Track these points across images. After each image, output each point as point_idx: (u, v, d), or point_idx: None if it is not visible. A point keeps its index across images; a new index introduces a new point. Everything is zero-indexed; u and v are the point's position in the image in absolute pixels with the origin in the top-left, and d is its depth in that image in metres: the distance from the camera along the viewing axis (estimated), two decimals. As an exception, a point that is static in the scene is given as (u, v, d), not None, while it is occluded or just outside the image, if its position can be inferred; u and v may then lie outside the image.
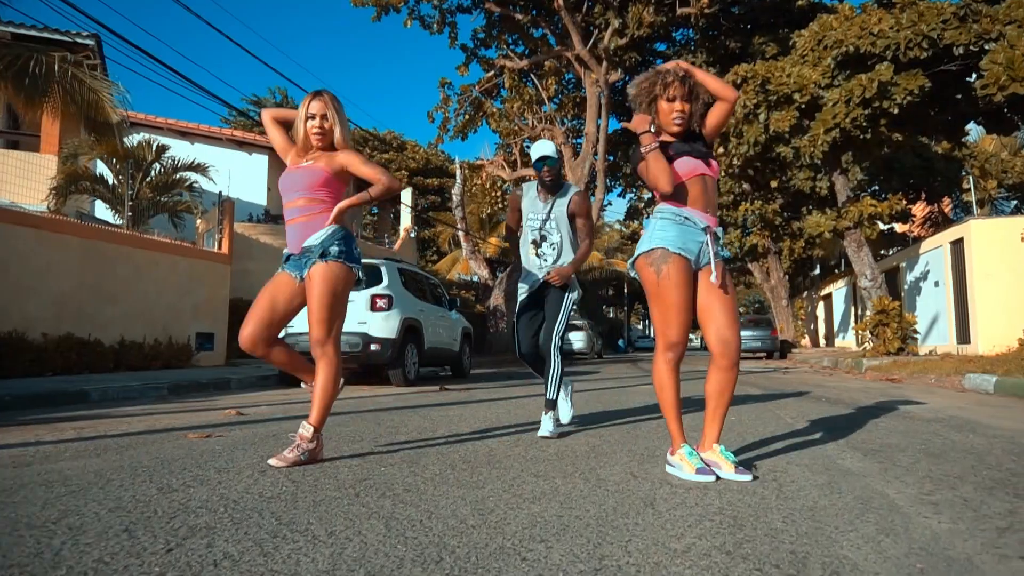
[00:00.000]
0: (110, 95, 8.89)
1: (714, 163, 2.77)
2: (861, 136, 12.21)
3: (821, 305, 28.77)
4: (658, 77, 2.68)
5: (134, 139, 15.46)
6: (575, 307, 3.91)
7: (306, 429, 2.88)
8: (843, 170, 14.43)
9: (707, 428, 2.72)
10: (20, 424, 4.47)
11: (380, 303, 8.50)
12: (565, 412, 4.05)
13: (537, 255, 3.89)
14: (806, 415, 4.93)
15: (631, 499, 2.21)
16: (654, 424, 4.26)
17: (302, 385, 3.20)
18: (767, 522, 1.94)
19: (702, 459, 2.62)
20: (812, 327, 29.69)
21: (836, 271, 26.20)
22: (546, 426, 3.64)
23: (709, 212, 2.72)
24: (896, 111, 11.53)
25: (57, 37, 12.66)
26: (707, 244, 2.68)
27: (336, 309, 2.99)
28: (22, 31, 12.25)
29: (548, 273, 3.82)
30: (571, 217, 3.89)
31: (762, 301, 44.73)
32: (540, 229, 3.90)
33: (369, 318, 8.40)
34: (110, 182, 12.69)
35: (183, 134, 19.37)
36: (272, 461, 2.79)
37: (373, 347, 8.33)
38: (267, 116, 3.34)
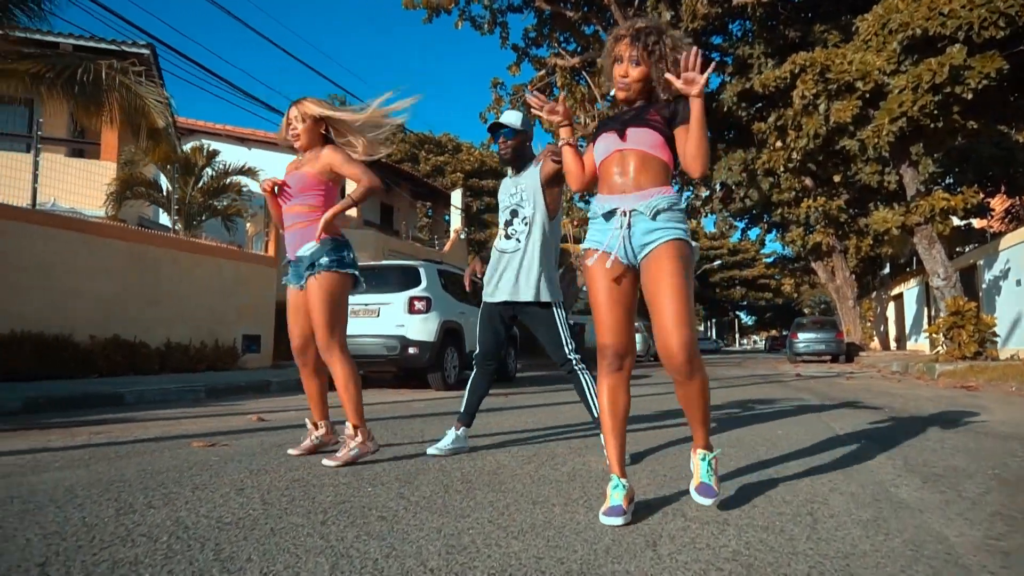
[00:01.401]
0: (156, 101, 9.00)
1: (642, 131, 2.23)
2: (931, 125, 11.37)
3: (891, 306, 27.34)
4: (613, 35, 2.29)
5: (189, 145, 15.86)
6: (566, 312, 3.45)
7: (348, 429, 3.00)
8: (912, 162, 13.52)
9: (692, 432, 2.31)
10: (42, 428, 4.44)
11: (418, 305, 8.33)
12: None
13: (508, 235, 3.35)
14: (863, 429, 4.47)
15: (632, 536, 1.90)
16: (686, 439, 3.90)
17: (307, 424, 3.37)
18: (789, 573, 1.60)
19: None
20: (882, 329, 28.24)
21: (907, 270, 24.83)
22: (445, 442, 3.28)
23: (620, 190, 2.22)
24: (970, 96, 10.66)
25: (113, 48, 13.05)
26: (627, 232, 2.19)
27: (335, 314, 3.09)
28: (81, 43, 12.67)
29: (521, 276, 3.27)
30: (544, 188, 3.34)
31: (828, 301, 42.96)
32: (510, 205, 3.39)
33: (407, 320, 8.24)
34: (164, 187, 12.98)
35: (241, 139, 19.83)
36: (326, 461, 2.89)
37: (411, 350, 8.16)
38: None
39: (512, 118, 3.41)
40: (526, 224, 3.32)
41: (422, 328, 8.26)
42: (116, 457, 3.19)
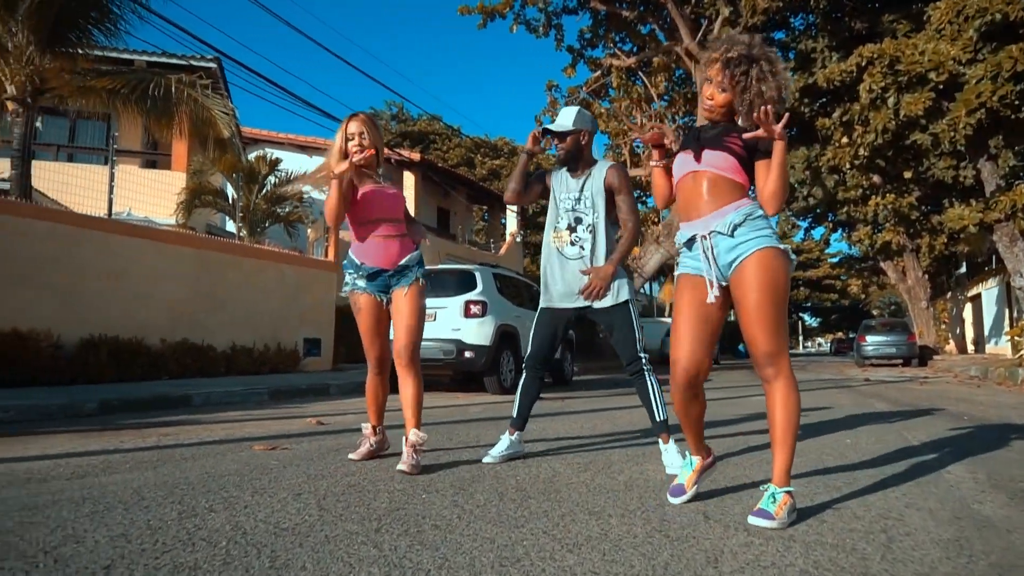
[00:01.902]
0: (221, 112, 9.33)
1: (717, 154, 2.25)
2: (1012, 116, 10.75)
3: (968, 307, 26.01)
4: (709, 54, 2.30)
5: (254, 154, 16.37)
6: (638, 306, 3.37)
7: (421, 435, 3.05)
8: (991, 156, 12.82)
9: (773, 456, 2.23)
10: (117, 429, 4.63)
11: (474, 309, 8.35)
12: (675, 460, 3.04)
13: (572, 242, 3.27)
14: (940, 439, 4.24)
15: (692, 551, 1.83)
16: (752, 448, 3.77)
17: (364, 429, 3.43)
18: (862, 597, 1.51)
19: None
20: (958, 331, 26.89)
21: (985, 269, 23.56)
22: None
23: (696, 214, 2.28)
24: (1056, 85, 10.06)
25: (183, 63, 13.61)
26: (704, 253, 2.25)
27: (422, 323, 3.28)
28: (153, 59, 13.25)
29: (584, 283, 3.20)
30: (608, 194, 3.28)
31: (898, 303, 41.16)
32: (573, 210, 3.29)
33: (463, 324, 8.28)
34: (230, 195, 13.43)
35: (302, 148, 20.37)
36: (402, 467, 2.89)
37: (467, 354, 8.19)
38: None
39: (565, 118, 3.33)
40: (590, 232, 3.27)
41: (478, 332, 8.27)
42: (182, 459, 3.28)
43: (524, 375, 3.43)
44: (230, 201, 13.40)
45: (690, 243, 2.30)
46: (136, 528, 1.99)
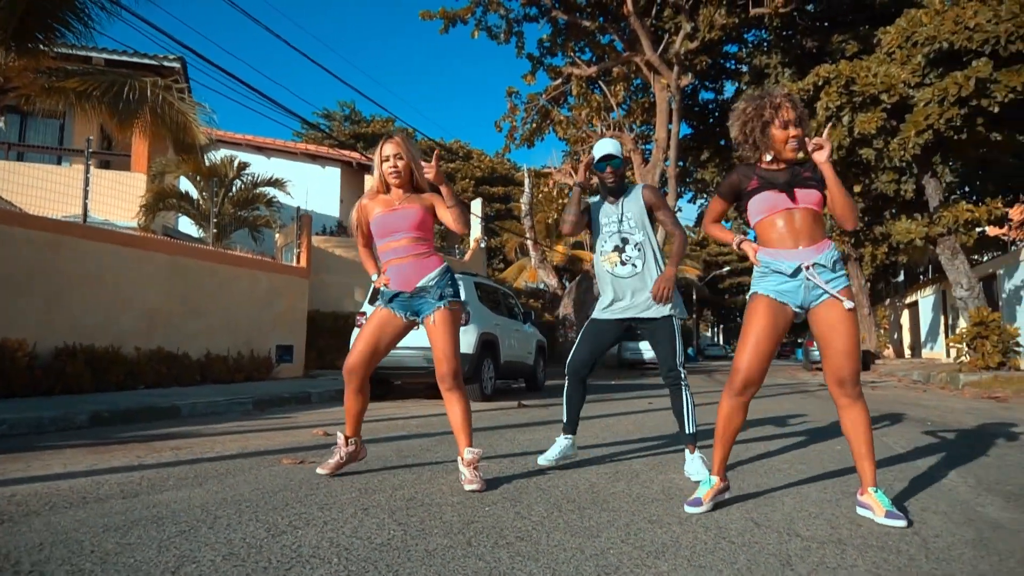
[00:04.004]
0: (197, 117, 9.19)
1: (807, 191, 2.55)
2: (956, 137, 11.51)
3: (906, 313, 27.38)
4: (765, 101, 2.55)
5: (216, 156, 16.07)
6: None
7: (476, 453, 3.11)
8: (935, 173, 13.64)
9: (859, 469, 2.59)
10: (121, 442, 4.60)
11: (456, 317, 8.46)
12: (698, 469, 3.26)
13: (623, 261, 3.51)
14: (914, 442, 4.61)
15: (762, 555, 2.04)
16: (760, 456, 4.03)
17: (337, 437, 3.38)
18: (930, 594, 1.74)
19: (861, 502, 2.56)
20: (896, 337, 28.27)
21: (922, 277, 24.87)
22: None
23: (802, 245, 2.54)
24: (996, 110, 10.80)
25: (146, 61, 13.29)
26: (808, 283, 2.52)
27: (459, 345, 3.25)
28: (114, 57, 12.89)
29: (649, 292, 3.45)
30: (648, 213, 3.56)
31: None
32: (618, 232, 3.55)
33: (445, 333, 8.37)
34: (195, 198, 13.18)
35: (260, 149, 20.05)
36: (471, 487, 2.97)
37: (450, 362, 8.29)
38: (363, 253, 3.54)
39: (614, 147, 3.56)
40: (639, 250, 3.50)
41: (461, 340, 8.38)
42: (221, 475, 3.33)
43: (567, 382, 3.62)
44: (195, 204, 13.16)
45: (795, 272, 2.52)
46: (237, 547, 2.08)
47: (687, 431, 3.39)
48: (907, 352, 27.00)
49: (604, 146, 3.57)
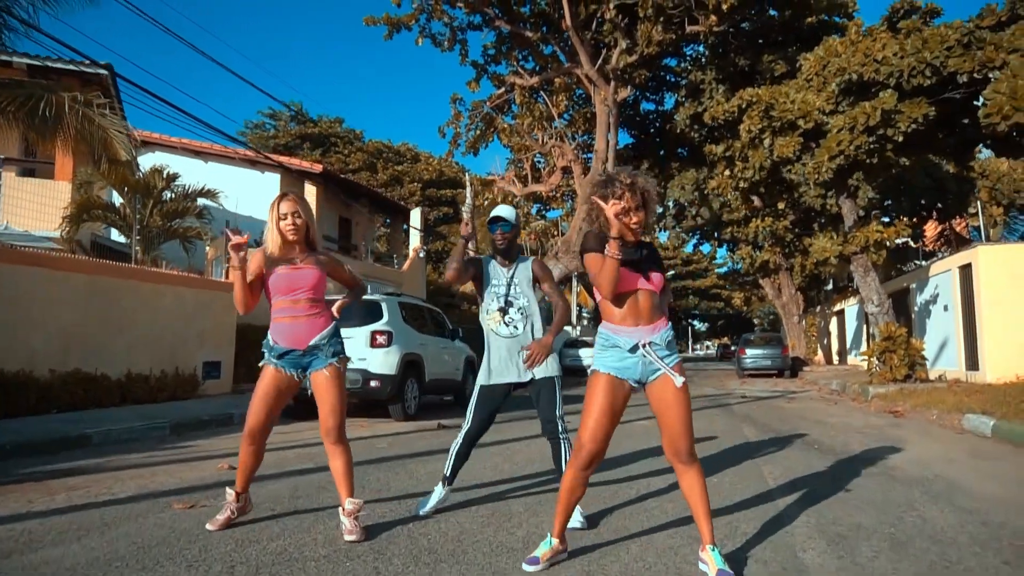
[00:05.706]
0: (118, 132, 9.06)
1: (656, 276, 2.80)
2: (868, 161, 12.17)
3: (834, 320, 28.54)
4: (608, 191, 2.71)
5: (148, 159, 15.73)
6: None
7: (355, 504, 3.25)
8: (850, 193, 14.36)
9: (699, 527, 2.79)
10: (17, 481, 4.60)
11: (380, 339, 8.60)
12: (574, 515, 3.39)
13: (505, 323, 3.77)
14: (792, 474, 4.92)
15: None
16: (625, 500, 4.28)
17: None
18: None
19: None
20: (825, 342, 29.46)
21: (849, 286, 26.00)
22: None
23: (641, 324, 2.74)
24: (901, 139, 11.48)
25: (72, 68, 12.97)
26: (643, 359, 2.73)
27: (345, 401, 3.40)
28: (37, 63, 12.55)
29: (525, 354, 3.69)
30: (535, 283, 3.85)
31: (776, 314, 44.43)
32: (505, 295, 3.79)
33: (369, 354, 8.50)
34: (122, 209, 12.93)
35: (197, 153, 19.71)
36: (351, 538, 3.12)
37: (372, 383, 8.43)
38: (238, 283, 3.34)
39: (509, 213, 3.82)
40: (523, 315, 3.78)
41: (384, 361, 8.53)
42: (103, 525, 3.42)
43: (461, 443, 3.81)
44: (122, 215, 12.91)
45: (633, 349, 2.73)
46: (87, 619, 2.21)
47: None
48: (835, 358, 28.15)
49: (499, 210, 3.84)
